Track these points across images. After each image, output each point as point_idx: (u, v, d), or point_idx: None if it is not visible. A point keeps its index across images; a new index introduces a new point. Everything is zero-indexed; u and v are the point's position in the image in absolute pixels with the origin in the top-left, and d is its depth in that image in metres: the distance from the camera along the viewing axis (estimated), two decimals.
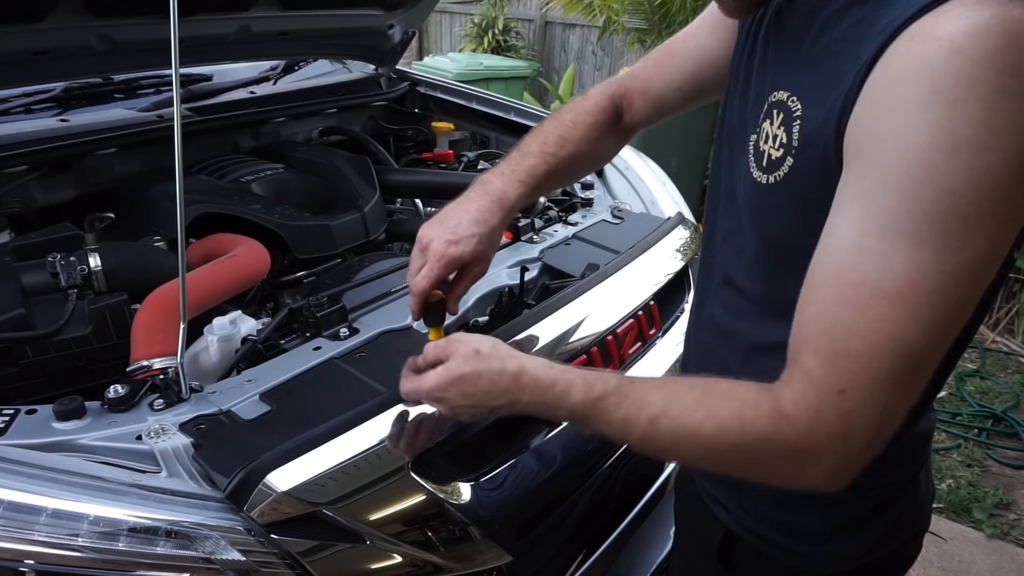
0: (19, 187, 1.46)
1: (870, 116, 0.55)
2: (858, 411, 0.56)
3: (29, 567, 0.74)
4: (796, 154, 0.62)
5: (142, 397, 0.92)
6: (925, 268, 0.52)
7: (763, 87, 0.70)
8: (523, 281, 1.22)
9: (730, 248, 0.78)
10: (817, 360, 0.57)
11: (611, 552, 1.18)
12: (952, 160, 0.50)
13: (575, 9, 5.42)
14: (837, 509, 0.78)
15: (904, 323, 0.54)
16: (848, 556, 0.79)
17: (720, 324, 0.81)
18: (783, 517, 0.81)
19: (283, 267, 1.44)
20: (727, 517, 0.85)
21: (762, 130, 0.68)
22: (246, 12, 1.63)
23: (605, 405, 0.66)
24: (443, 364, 0.74)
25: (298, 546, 0.81)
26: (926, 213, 0.52)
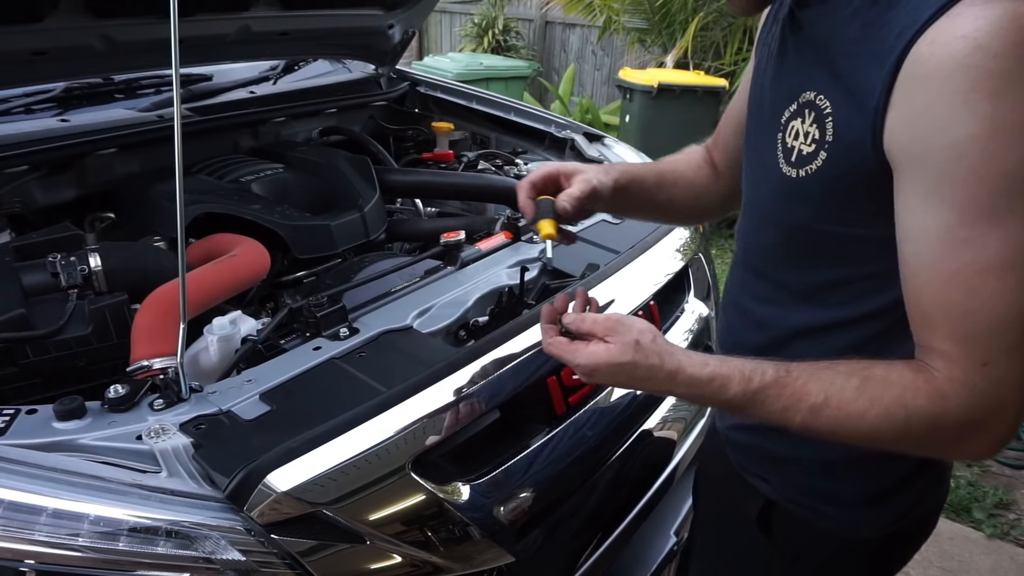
0: (19, 187, 1.47)
1: (909, 120, 0.60)
2: (1005, 378, 0.61)
3: (29, 567, 0.74)
4: (829, 149, 0.68)
5: (142, 397, 0.92)
6: (1015, 239, 0.58)
7: (787, 87, 0.75)
8: (523, 281, 1.22)
9: (761, 241, 0.83)
10: (951, 343, 0.62)
11: (611, 552, 1.18)
12: (1005, 144, 0.56)
13: (575, 9, 5.42)
14: (872, 476, 0.83)
15: (1015, 290, 0.59)
16: (880, 522, 0.85)
17: (754, 314, 0.85)
18: (824, 485, 0.85)
19: (283, 267, 1.44)
20: (768, 488, 0.90)
21: (791, 128, 0.73)
22: (246, 12, 1.63)
23: (764, 397, 0.69)
24: (604, 345, 0.75)
25: (298, 546, 0.81)
26: (1002, 191, 0.58)
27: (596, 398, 1.18)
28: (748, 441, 0.92)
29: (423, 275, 1.29)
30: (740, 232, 0.89)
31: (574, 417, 1.13)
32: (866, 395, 0.65)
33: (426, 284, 1.26)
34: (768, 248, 0.81)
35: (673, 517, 1.40)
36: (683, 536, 1.41)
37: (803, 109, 0.71)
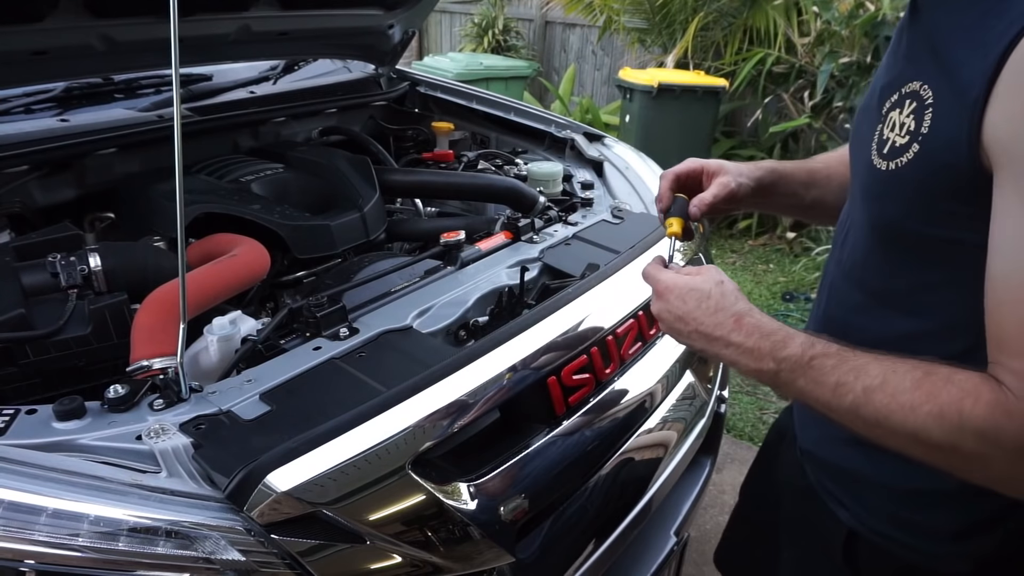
0: (19, 187, 1.46)
1: (1012, 115, 0.56)
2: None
3: (29, 567, 0.74)
4: (923, 142, 0.64)
5: (142, 397, 0.91)
6: None
7: (894, 77, 0.71)
8: (523, 281, 1.22)
9: (848, 243, 0.80)
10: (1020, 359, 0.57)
11: (611, 551, 1.18)
12: None
13: (575, 9, 5.43)
14: (963, 507, 0.77)
15: None
16: (977, 554, 0.78)
17: (836, 320, 0.82)
18: (909, 515, 0.80)
19: (283, 267, 1.44)
20: (847, 516, 0.85)
21: (888, 119, 0.69)
22: (246, 12, 1.63)
23: (821, 364, 0.66)
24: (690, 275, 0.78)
25: (298, 546, 0.81)
26: None
27: (596, 398, 1.18)
28: (831, 458, 0.87)
29: (423, 275, 1.29)
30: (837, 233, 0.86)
31: (574, 417, 1.13)
32: (924, 388, 0.61)
33: (426, 284, 1.26)
34: (861, 252, 0.77)
35: (673, 517, 1.40)
36: (683, 536, 1.41)
37: (904, 99, 0.68)
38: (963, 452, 0.59)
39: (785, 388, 0.70)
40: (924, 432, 0.60)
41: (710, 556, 1.29)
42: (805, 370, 0.67)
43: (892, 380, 0.62)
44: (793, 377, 0.68)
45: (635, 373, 1.28)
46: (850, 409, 0.64)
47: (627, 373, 1.26)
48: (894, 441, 0.64)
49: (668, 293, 0.79)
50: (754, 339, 0.71)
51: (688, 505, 1.42)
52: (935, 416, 0.59)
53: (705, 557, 2.05)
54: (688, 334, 0.77)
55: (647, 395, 1.29)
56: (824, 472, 0.89)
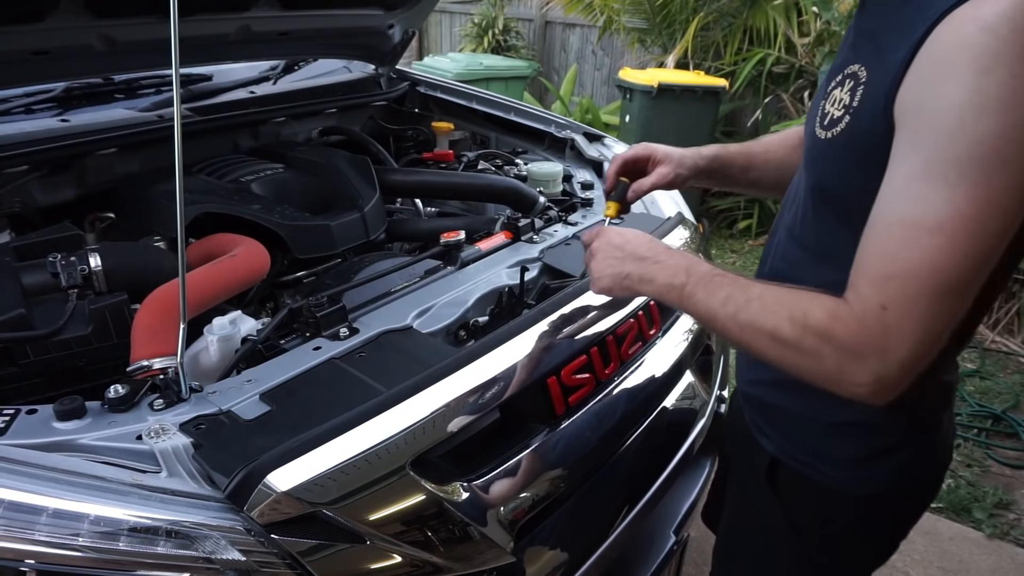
0: (19, 187, 1.47)
1: (916, 87, 0.66)
2: (897, 326, 0.66)
3: (30, 567, 0.74)
4: (853, 113, 0.75)
5: (142, 397, 0.92)
6: (958, 206, 0.63)
7: (841, 62, 0.82)
8: (523, 281, 1.22)
9: (793, 205, 0.92)
10: (866, 281, 0.69)
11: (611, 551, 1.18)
12: (980, 116, 0.62)
13: (575, 9, 5.42)
14: (868, 438, 0.91)
15: (940, 251, 0.64)
16: (875, 480, 0.92)
17: (780, 273, 0.93)
18: (822, 445, 0.94)
19: (283, 267, 1.44)
20: (772, 446, 0.99)
21: (831, 96, 0.80)
22: (246, 12, 1.63)
23: (720, 280, 0.81)
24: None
25: (298, 546, 0.81)
26: (959, 159, 0.63)
27: (596, 399, 1.18)
28: (761, 396, 1.01)
29: (423, 275, 1.29)
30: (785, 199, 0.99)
31: (574, 417, 1.13)
32: (786, 299, 0.75)
33: (426, 284, 1.26)
34: (800, 210, 0.89)
35: (673, 517, 1.40)
36: (683, 536, 1.41)
37: (845, 79, 0.78)
38: (804, 349, 0.72)
39: (687, 301, 0.84)
40: (778, 330, 0.73)
41: (710, 556, 1.29)
42: (707, 284, 0.82)
43: (766, 294, 0.77)
44: (696, 290, 0.83)
45: (634, 373, 1.28)
46: (731, 315, 0.78)
47: (627, 373, 1.26)
48: (758, 340, 0.76)
49: (607, 232, 0.96)
50: (676, 259, 0.88)
51: (688, 505, 1.42)
52: (787, 318, 0.73)
53: (705, 557, 2.05)
54: (623, 258, 0.92)
55: (647, 395, 1.29)
56: (754, 408, 1.03)
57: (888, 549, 1.03)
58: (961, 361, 3.19)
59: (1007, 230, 0.65)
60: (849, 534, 0.96)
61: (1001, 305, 3.41)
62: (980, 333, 3.39)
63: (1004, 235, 0.65)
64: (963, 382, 3.00)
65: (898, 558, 2.10)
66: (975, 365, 3.14)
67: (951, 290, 0.65)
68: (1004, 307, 3.40)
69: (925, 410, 0.90)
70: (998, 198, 0.63)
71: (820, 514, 0.97)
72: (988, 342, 3.31)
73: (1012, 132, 0.61)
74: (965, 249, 0.64)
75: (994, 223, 0.64)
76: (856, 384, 0.69)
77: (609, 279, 0.95)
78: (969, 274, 0.65)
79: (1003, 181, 0.62)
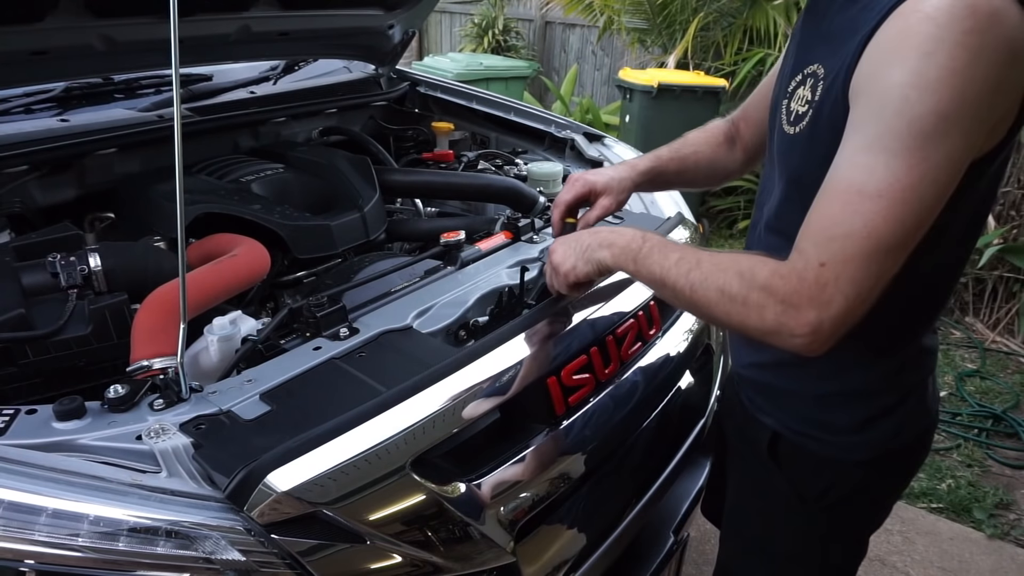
0: (19, 187, 1.47)
1: (867, 72, 0.73)
2: (833, 281, 0.72)
3: (29, 567, 0.74)
4: (816, 106, 0.82)
5: (142, 397, 0.91)
6: (898, 174, 0.70)
7: (798, 62, 0.89)
8: (523, 281, 1.22)
9: (770, 199, 0.97)
10: (809, 242, 0.75)
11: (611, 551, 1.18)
12: (922, 94, 0.68)
13: (575, 9, 5.43)
14: (860, 406, 0.97)
15: (877, 215, 0.71)
16: (871, 444, 0.99)
17: None
18: (819, 416, 1.00)
19: (283, 267, 1.44)
20: (772, 422, 1.05)
21: (794, 95, 0.88)
22: (246, 12, 1.63)
23: (673, 246, 0.90)
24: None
25: (298, 546, 0.81)
26: (901, 133, 0.69)
27: (596, 399, 1.18)
28: (758, 377, 1.07)
29: (423, 275, 1.29)
30: (759, 193, 1.04)
31: (574, 417, 1.13)
32: (733, 259, 0.81)
33: (426, 284, 1.26)
34: (776, 202, 0.94)
35: (673, 517, 1.40)
36: (683, 536, 1.41)
37: (806, 78, 0.85)
38: (749, 302, 0.78)
39: (642, 263, 0.91)
40: (727, 286, 0.79)
41: (710, 556, 1.29)
42: (661, 247, 0.90)
43: (716, 256, 0.84)
44: (651, 252, 0.90)
45: (635, 373, 1.28)
46: (683, 274, 0.84)
47: (627, 373, 1.26)
48: (707, 296, 0.82)
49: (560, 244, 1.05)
50: (631, 231, 0.95)
51: (687, 505, 1.42)
52: (736, 274, 0.79)
53: (705, 557, 2.06)
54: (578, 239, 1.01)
55: (647, 395, 1.29)
56: (753, 389, 1.09)
57: (886, 509, 1.10)
58: (961, 361, 3.19)
59: (939, 200, 0.72)
60: (852, 497, 1.02)
61: (1001, 305, 3.41)
62: (980, 333, 3.39)
63: (936, 205, 0.72)
64: (963, 382, 3.00)
65: (898, 558, 2.10)
66: (975, 365, 3.14)
67: (885, 252, 0.72)
68: (1004, 307, 3.40)
69: (909, 374, 0.98)
70: (932, 170, 0.69)
71: (823, 481, 1.02)
72: (988, 342, 3.31)
73: (949, 109, 0.67)
74: (901, 215, 0.70)
75: (929, 193, 0.70)
76: (793, 335, 0.75)
77: (573, 258, 1.02)
78: (902, 239, 0.72)
79: (940, 155, 0.69)
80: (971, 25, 0.66)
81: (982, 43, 0.67)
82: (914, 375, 0.99)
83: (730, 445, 1.21)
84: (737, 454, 1.19)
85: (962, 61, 0.67)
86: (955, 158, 0.71)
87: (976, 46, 0.67)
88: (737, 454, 1.19)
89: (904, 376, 0.98)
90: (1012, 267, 3.30)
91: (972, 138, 0.71)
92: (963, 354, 3.24)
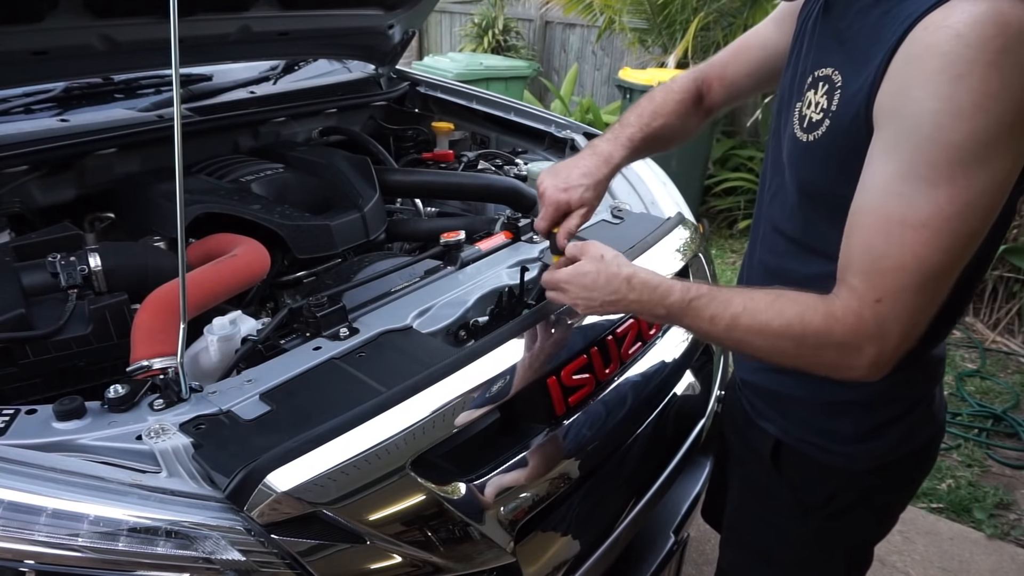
0: (19, 187, 1.47)
1: (893, 90, 0.70)
2: (891, 316, 0.72)
3: (29, 567, 0.74)
4: (833, 117, 0.79)
5: (142, 397, 0.91)
6: (940, 204, 0.68)
7: (809, 64, 0.86)
8: (523, 281, 1.22)
9: (777, 201, 0.95)
10: (859, 278, 0.74)
11: (611, 551, 1.18)
12: (956, 122, 0.65)
13: (575, 9, 5.42)
14: (867, 414, 0.95)
15: (924, 247, 0.69)
16: (876, 453, 0.97)
17: (769, 266, 0.98)
18: (823, 424, 0.98)
19: (283, 267, 1.44)
20: (775, 429, 1.03)
21: (806, 99, 0.84)
22: (246, 12, 1.63)
23: (698, 304, 0.84)
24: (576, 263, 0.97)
25: (298, 546, 0.81)
26: (938, 162, 0.67)
27: (596, 399, 1.18)
28: (761, 382, 1.05)
29: (423, 275, 1.29)
30: (762, 192, 1.00)
31: (574, 417, 1.13)
32: (774, 308, 0.78)
33: (426, 284, 1.26)
34: (790, 208, 0.92)
35: (673, 517, 1.40)
36: (683, 536, 1.41)
37: (818, 81, 0.82)
38: (806, 349, 0.77)
39: (676, 323, 0.89)
40: (778, 342, 0.79)
41: (710, 556, 1.29)
42: (687, 311, 0.85)
43: (751, 306, 0.80)
44: (679, 317, 0.87)
45: (634, 373, 1.28)
46: (724, 333, 0.83)
47: (627, 373, 1.26)
48: (761, 350, 0.81)
49: (568, 285, 0.97)
50: (645, 295, 0.89)
51: (688, 505, 1.42)
52: (784, 328, 0.77)
53: (705, 557, 2.06)
54: (600, 305, 0.95)
55: (647, 395, 1.29)
56: (755, 395, 1.07)
57: (891, 519, 1.08)
58: (961, 361, 3.19)
59: (987, 221, 0.70)
60: (855, 506, 1.01)
61: (1001, 305, 3.41)
62: (980, 333, 3.39)
63: (982, 230, 0.70)
64: (963, 382, 3.00)
65: (898, 558, 2.10)
66: (976, 365, 3.14)
67: (936, 279, 0.71)
68: (1004, 307, 3.40)
69: (917, 385, 0.97)
70: (977, 197, 0.68)
71: (825, 489, 1.01)
72: (988, 342, 3.31)
73: (985, 136, 0.65)
74: (947, 244, 0.69)
75: (973, 220, 0.69)
76: (853, 369, 0.76)
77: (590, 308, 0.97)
78: (951, 265, 0.71)
79: (982, 181, 0.67)
80: (1002, 44, 0.63)
81: (1016, 61, 0.63)
82: (922, 385, 0.98)
83: (732, 451, 1.20)
84: (738, 460, 1.18)
85: (996, 84, 0.64)
86: (999, 179, 0.68)
87: (1010, 65, 0.63)
88: (738, 460, 1.18)
89: (912, 386, 0.96)
90: (1012, 267, 3.30)
91: (1016, 156, 0.68)
92: (963, 354, 3.24)
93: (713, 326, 0.83)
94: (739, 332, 0.81)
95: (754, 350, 0.82)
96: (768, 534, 1.11)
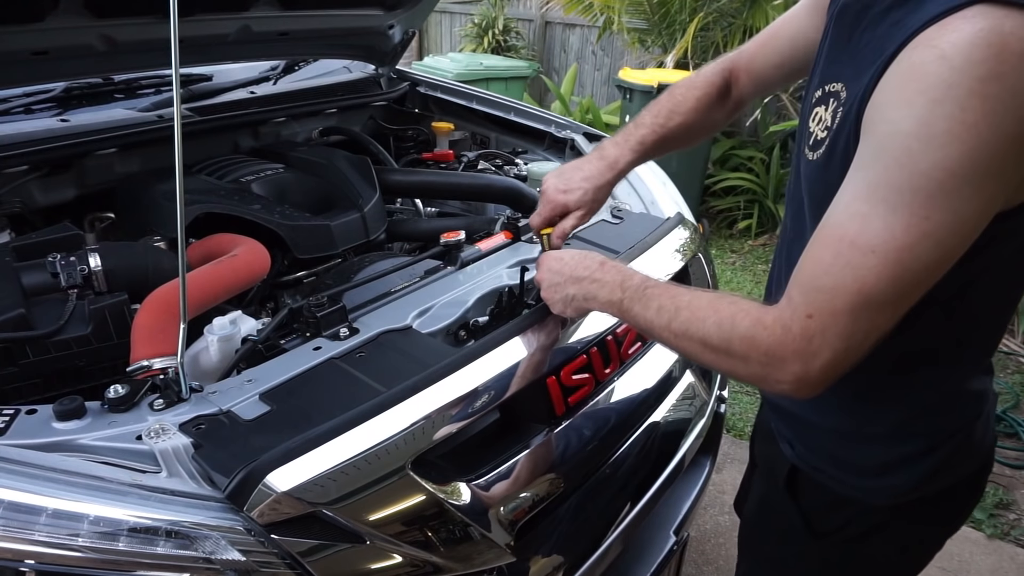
0: (19, 187, 1.47)
1: (879, 103, 0.66)
2: (819, 335, 0.69)
3: (29, 567, 0.74)
4: (833, 134, 0.75)
5: (142, 397, 0.92)
6: (894, 232, 0.64)
7: (822, 77, 0.82)
8: (523, 281, 1.22)
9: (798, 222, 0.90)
10: (797, 290, 0.71)
11: (611, 551, 1.18)
12: (926, 148, 0.61)
13: (575, 9, 5.42)
14: (887, 447, 0.89)
15: (869, 272, 0.65)
16: (895, 490, 0.90)
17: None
18: (840, 452, 0.93)
19: (283, 267, 1.44)
20: (791, 453, 0.99)
21: (814, 113, 0.80)
22: (246, 12, 1.63)
23: (652, 292, 0.86)
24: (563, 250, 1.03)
25: (298, 546, 0.81)
26: (902, 187, 0.63)
27: (596, 399, 1.18)
28: (781, 403, 1.01)
29: (423, 275, 1.29)
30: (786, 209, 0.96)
31: (574, 417, 1.13)
32: (713, 306, 0.78)
33: (426, 284, 1.26)
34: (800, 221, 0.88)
35: (673, 517, 1.40)
36: (683, 536, 1.41)
37: (827, 96, 0.78)
38: (732, 353, 0.75)
39: (627, 315, 0.88)
40: (708, 337, 0.77)
41: (710, 556, 1.29)
42: (640, 297, 0.86)
43: (695, 302, 0.80)
44: (632, 303, 0.87)
45: (634, 373, 1.28)
46: (665, 325, 0.82)
47: (627, 373, 1.26)
48: (691, 347, 0.80)
49: (547, 259, 1.02)
50: (611, 275, 0.91)
51: (688, 505, 1.42)
52: (716, 325, 0.76)
53: (705, 557, 2.06)
54: (563, 282, 0.97)
55: (647, 395, 1.29)
56: (777, 414, 1.04)
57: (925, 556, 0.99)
58: None
59: (945, 260, 0.65)
60: (869, 541, 0.94)
61: None
62: None
63: (940, 265, 0.65)
64: None
65: None
66: None
67: (877, 308, 0.67)
68: None
69: (947, 419, 0.88)
70: (935, 231, 0.63)
71: (838, 520, 0.95)
72: None
73: (957, 167, 0.60)
74: (894, 275, 0.65)
75: (928, 254, 0.64)
76: (779, 382, 0.73)
77: (560, 303, 1.00)
78: (895, 297, 0.66)
79: (941, 216, 0.62)
80: (991, 69, 0.57)
81: (1006, 89, 0.58)
82: (953, 419, 0.88)
83: (758, 462, 1.17)
84: (761, 473, 1.15)
85: (976, 113, 0.58)
86: (966, 217, 0.63)
87: (995, 94, 0.58)
88: (761, 473, 1.15)
89: (939, 420, 0.87)
90: None
91: (989, 195, 0.63)
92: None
93: (659, 316, 0.83)
94: (678, 324, 0.80)
95: (690, 347, 0.80)
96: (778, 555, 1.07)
